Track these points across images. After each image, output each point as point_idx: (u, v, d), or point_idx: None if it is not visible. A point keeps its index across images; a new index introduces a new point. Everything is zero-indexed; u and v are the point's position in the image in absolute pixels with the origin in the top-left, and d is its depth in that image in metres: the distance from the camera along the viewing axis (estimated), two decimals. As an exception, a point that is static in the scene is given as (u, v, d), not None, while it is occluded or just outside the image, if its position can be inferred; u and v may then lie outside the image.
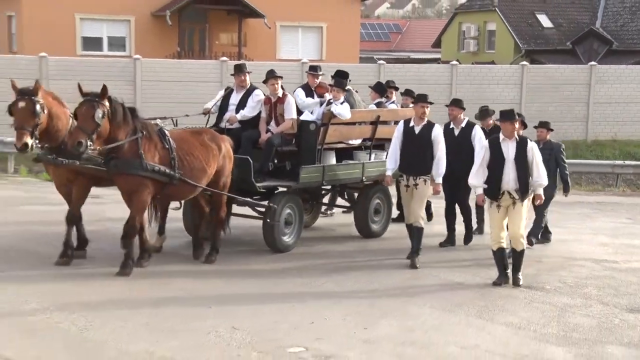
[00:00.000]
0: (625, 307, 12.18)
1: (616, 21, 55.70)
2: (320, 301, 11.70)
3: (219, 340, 9.80)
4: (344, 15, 42.73)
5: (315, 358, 9.37)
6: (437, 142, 13.68)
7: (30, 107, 11.90)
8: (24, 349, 9.12)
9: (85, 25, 38.25)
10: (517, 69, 33.05)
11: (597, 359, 9.82)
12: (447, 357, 9.67)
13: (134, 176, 12.21)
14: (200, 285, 12.06)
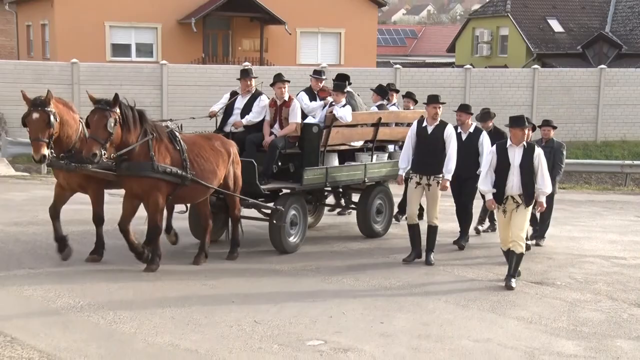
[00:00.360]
0: (633, 302, 12.14)
1: (625, 26, 55.48)
2: (339, 297, 11.71)
3: (241, 333, 9.83)
4: (361, 21, 42.74)
5: (334, 351, 9.40)
6: (449, 140, 13.50)
7: (44, 118, 11.64)
8: (56, 342, 9.17)
9: (114, 32, 38.40)
10: (529, 73, 32.98)
11: (606, 353, 9.78)
12: (461, 350, 9.67)
13: (147, 178, 12.00)
14: (223, 282, 12.08)
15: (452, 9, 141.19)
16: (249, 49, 40.98)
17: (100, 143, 11.28)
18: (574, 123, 32.05)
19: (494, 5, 60.60)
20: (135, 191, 12.23)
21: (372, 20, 44.61)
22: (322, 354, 9.27)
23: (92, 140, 11.36)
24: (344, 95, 14.52)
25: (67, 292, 10.94)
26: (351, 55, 41.65)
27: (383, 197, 15.89)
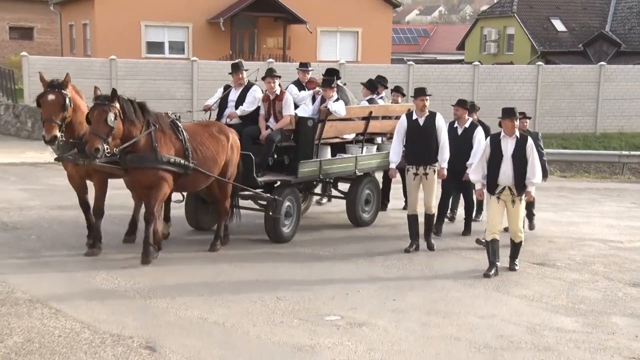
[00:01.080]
0: (628, 282, 12.14)
1: (624, 25, 55.16)
2: (354, 276, 11.75)
3: (264, 308, 9.89)
4: (377, 21, 42.64)
5: (350, 325, 9.44)
6: (441, 130, 13.03)
7: (60, 100, 11.17)
8: (96, 314, 9.26)
9: (149, 31, 38.45)
10: (533, 69, 32.87)
11: (602, 328, 9.80)
12: (467, 325, 9.69)
13: (152, 169, 11.47)
14: (248, 264, 12.10)
15: (462, 9, 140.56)
16: (273, 46, 40.99)
17: (102, 138, 10.77)
18: (575, 116, 31.94)
19: (501, 6, 60.41)
20: (141, 182, 11.69)
21: (387, 20, 44.47)
22: (339, 328, 9.32)
23: (94, 135, 10.82)
24: (333, 90, 13.96)
25: (106, 270, 11.02)
26: (367, 53, 41.59)
27: (371, 188, 15.48)
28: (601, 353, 8.97)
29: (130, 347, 8.35)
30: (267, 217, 13.32)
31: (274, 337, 8.89)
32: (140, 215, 12.73)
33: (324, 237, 14.30)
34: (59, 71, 26.30)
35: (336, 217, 16.03)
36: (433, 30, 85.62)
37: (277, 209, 13.16)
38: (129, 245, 12.73)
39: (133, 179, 11.73)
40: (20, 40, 50.28)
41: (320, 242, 13.88)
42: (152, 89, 27.62)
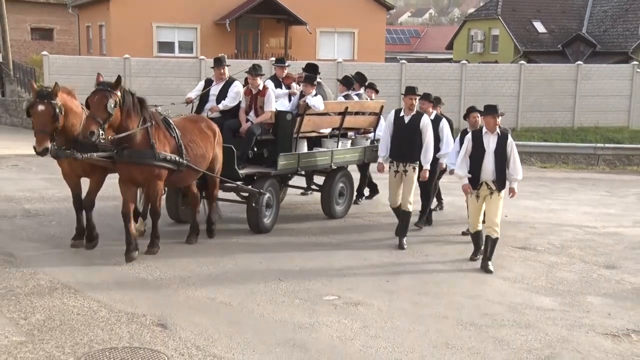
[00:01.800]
0: (602, 264, 12.16)
1: (599, 27, 55.23)
2: (351, 261, 11.74)
3: (267, 289, 9.92)
4: (372, 22, 42.61)
5: (346, 304, 9.47)
6: (426, 130, 12.40)
7: (49, 111, 10.19)
8: (112, 294, 9.33)
9: (160, 32, 38.40)
10: (516, 67, 32.85)
11: (578, 307, 9.83)
12: (455, 304, 9.74)
13: (148, 166, 10.76)
14: (251, 249, 12.13)
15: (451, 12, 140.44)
16: (275, 46, 40.96)
17: (98, 122, 9.97)
18: (554, 111, 31.94)
19: (486, 9, 60.57)
20: (135, 178, 10.97)
21: (381, 21, 44.43)
22: (337, 307, 9.35)
23: (91, 119, 10.04)
24: (314, 87, 13.54)
25: (119, 255, 11.02)
26: (363, 52, 41.57)
27: (345, 181, 14.89)
28: (577, 329, 9.00)
29: (143, 324, 8.39)
30: (250, 209, 12.93)
31: (277, 316, 8.93)
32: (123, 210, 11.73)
33: (321, 225, 14.24)
34: (76, 70, 26.54)
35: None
36: (424, 31, 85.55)
37: (259, 201, 12.76)
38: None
39: (127, 175, 10.94)
40: (41, 40, 50.20)
41: (318, 229, 13.88)
42: (162, 85, 27.55)
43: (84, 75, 23.84)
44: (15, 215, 13.73)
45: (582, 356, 8.18)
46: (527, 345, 8.44)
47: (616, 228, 15.17)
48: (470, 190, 11.43)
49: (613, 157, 27.63)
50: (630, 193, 20.39)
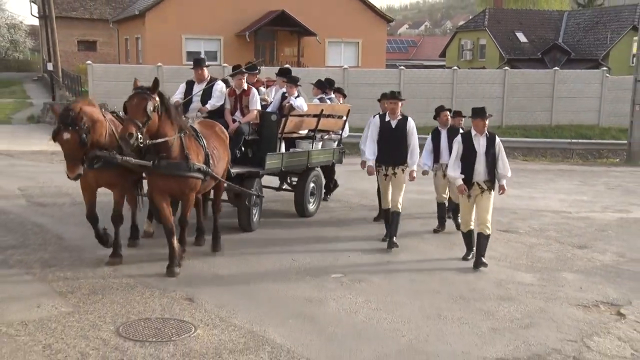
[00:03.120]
0: (575, 245, 12.15)
1: (573, 37, 55.24)
2: (355, 241, 11.79)
3: (282, 268, 9.96)
4: (374, 33, 42.52)
5: (351, 281, 9.48)
6: (412, 133, 11.37)
7: (75, 139, 8.65)
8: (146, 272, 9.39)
9: (188, 43, 38.40)
10: (501, 73, 32.71)
11: (554, 282, 9.83)
12: (447, 280, 9.78)
13: (184, 177, 9.39)
14: (267, 235, 12.21)
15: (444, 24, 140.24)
16: (289, 54, 40.92)
17: (137, 125, 8.73)
18: (534, 111, 31.81)
19: (475, 22, 60.65)
20: (170, 190, 9.53)
21: (382, 32, 44.30)
22: (342, 284, 9.36)
23: (130, 121, 8.81)
24: (297, 87, 12.67)
25: (153, 239, 11.10)
26: (366, 59, 41.49)
27: (316, 181, 13.72)
28: (553, 301, 9.00)
29: (173, 299, 8.42)
30: (243, 208, 11.86)
31: (290, 292, 8.94)
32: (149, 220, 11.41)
33: (326, 217, 14.29)
34: (115, 76, 26.58)
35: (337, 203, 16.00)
36: (420, 41, 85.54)
37: (251, 199, 11.81)
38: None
39: (162, 186, 9.51)
40: (86, 51, 50.46)
41: (325, 216, 13.99)
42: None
43: (122, 81, 23.89)
44: (64, 203, 13.79)
45: (557, 325, 8.17)
46: (509, 315, 8.43)
47: (587, 213, 15.14)
48: (465, 191, 10.48)
49: (585, 151, 27.59)
50: (600, 182, 20.33)
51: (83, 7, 53.40)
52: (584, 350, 7.47)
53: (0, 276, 9.16)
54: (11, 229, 11.64)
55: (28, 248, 10.51)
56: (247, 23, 39.58)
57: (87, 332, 7.32)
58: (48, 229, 11.65)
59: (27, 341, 7.06)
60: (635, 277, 10.35)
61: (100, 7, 53.66)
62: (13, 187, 15.26)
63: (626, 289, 9.75)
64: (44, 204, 13.70)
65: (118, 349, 6.95)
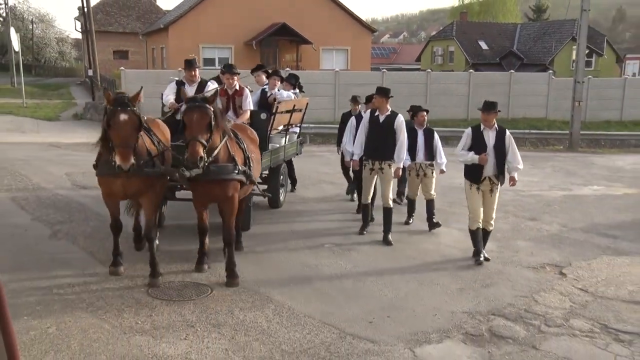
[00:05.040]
0: (527, 218, 12.18)
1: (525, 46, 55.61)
2: (345, 218, 11.78)
3: (283, 241, 9.97)
4: (361, 41, 42.37)
5: (342, 250, 9.47)
6: (400, 130, 9.82)
7: (134, 120, 6.83)
8: (171, 244, 9.32)
9: (204, 50, 38.21)
10: (466, 74, 32.60)
11: (509, 249, 9.86)
12: (422, 250, 9.78)
13: (230, 181, 7.53)
14: (270, 217, 12.13)
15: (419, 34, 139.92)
16: (289, 60, 40.74)
17: (203, 145, 6.85)
18: (495, 106, 31.81)
19: (445, 32, 61.09)
20: (215, 195, 7.62)
21: (367, 41, 44.11)
22: (334, 252, 9.36)
23: (196, 142, 6.78)
24: (279, 79, 11.35)
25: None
26: (354, 63, 41.35)
27: (284, 173, 12.49)
28: (509, 265, 9.03)
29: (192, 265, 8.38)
30: (245, 209, 9.65)
31: (290, 259, 8.93)
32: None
33: (319, 197, 14.20)
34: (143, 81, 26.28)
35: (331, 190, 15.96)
36: (399, 48, 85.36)
37: (251, 199, 10.18)
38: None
39: (207, 192, 7.57)
40: (119, 59, 50.43)
41: (320, 198, 13.89)
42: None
43: (150, 84, 23.69)
44: (101, 186, 13.75)
45: (512, 284, 8.20)
46: (474, 277, 8.45)
47: (537, 191, 15.16)
48: (487, 157, 8.88)
49: (536, 140, 27.53)
50: (547, 166, 20.33)
51: (117, 23, 53.72)
52: (532, 304, 7.52)
53: (51, 246, 9.15)
54: (59, 207, 11.61)
55: (73, 223, 10.48)
56: (254, 34, 39.45)
57: (123, 293, 7.32)
58: (89, 208, 11.62)
59: (74, 299, 7.09)
60: (575, 243, 10.42)
61: (132, 23, 53.92)
62: (61, 173, 15.20)
63: (567, 253, 9.83)
64: (85, 186, 13.65)
65: (148, 306, 6.96)
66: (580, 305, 7.56)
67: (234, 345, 6.06)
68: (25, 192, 12.87)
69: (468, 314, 7.11)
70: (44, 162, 16.76)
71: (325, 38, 40.81)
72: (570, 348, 6.32)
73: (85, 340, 6.06)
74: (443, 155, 11.16)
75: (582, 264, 9.23)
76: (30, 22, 67.81)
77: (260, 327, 6.50)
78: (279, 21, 38.91)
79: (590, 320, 7.08)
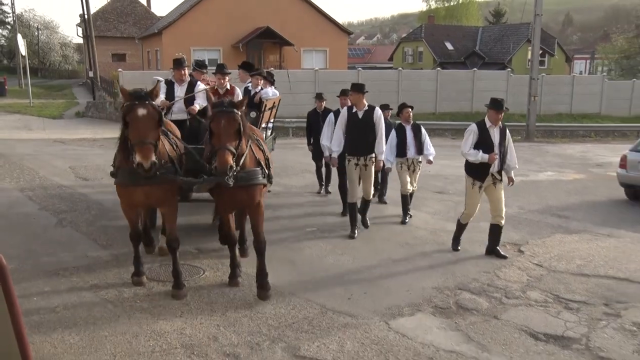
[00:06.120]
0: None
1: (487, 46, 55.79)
2: (327, 209, 11.75)
3: (269, 225, 9.84)
4: (338, 43, 42.22)
5: (321, 232, 9.48)
6: (378, 123, 9.06)
7: (153, 114, 5.81)
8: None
9: (195, 52, 37.77)
10: (434, 72, 32.63)
11: (474, 229, 9.80)
12: (394, 231, 9.80)
13: (257, 186, 6.54)
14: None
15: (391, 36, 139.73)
16: (273, 60, 40.48)
17: (233, 153, 5.87)
18: (460, 101, 31.80)
19: (415, 34, 61.07)
20: (244, 201, 6.58)
21: (344, 42, 43.95)
22: (315, 235, 9.36)
23: (225, 150, 5.78)
24: (262, 79, 10.39)
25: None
26: (332, 63, 41.21)
27: None
28: (473, 244, 9.07)
29: (187, 250, 8.32)
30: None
31: (275, 242, 8.84)
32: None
33: (307, 185, 14.15)
34: (141, 80, 26.03)
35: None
36: (373, 49, 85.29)
37: None
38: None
39: (234, 198, 6.51)
40: (117, 62, 49.86)
41: (300, 191, 13.86)
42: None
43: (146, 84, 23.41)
44: (102, 177, 13.61)
45: (476, 261, 8.27)
46: (441, 255, 8.50)
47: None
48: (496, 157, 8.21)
49: (498, 131, 27.75)
50: (509, 154, 20.38)
51: (115, 28, 53.38)
52: (494, 279, 7.58)
53: (57, 233, 9.06)
54: (64, 197, 11.50)
55: (76, 212, 10.38)
56: (240, 36, 39.21)
57: (123, 275, 7.27)
58: (91, 198, 11.52)
59: (78, 281, 7.04)
60: (531, 224, 10.51)
61: (129, 28, 53.55)
62: (65, 166, 15.04)
63: (524, 232, 9.92)
64: (87, 178, 13.54)
65: (146, 287, 6.93)
66: (536, 278, 7.65)
67: (225, 321, 6.06)
68: (33, 184, 12.73)
69: (437, 289, 7.15)
70: (49, 157, 16.57)
71: (306, 40, 40.64)
72: (527, 317, 6.40)
73: (89, 318, 6.04)
74: (431, 147, 10.62)
75: (538, 242, 9.33)
76: (36, 29, 67.28)
77: (249, 305, 6.49)
78: (263, 25, 38.71)
79: (544, 291, 7.17)
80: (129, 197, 6.43)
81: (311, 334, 5.84)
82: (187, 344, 5.55)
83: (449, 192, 13.11)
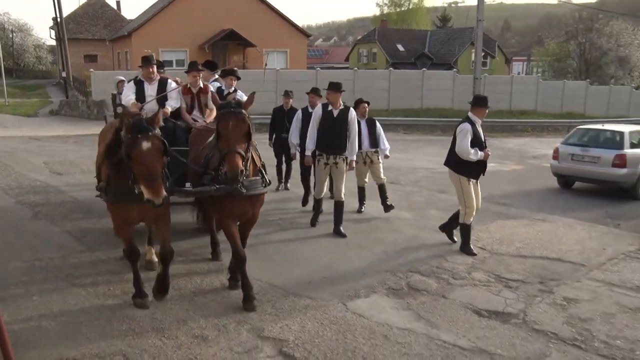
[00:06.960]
0: (438, 191, 12.41)
1: (435, 48, 56.27)
2: (291, 198, 11.72)
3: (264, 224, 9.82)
4: (298, 44, 42.09)
5: (284, 223, 9.40)
6: (352, 123, 8.60)
7: (159, 147, 4.95)
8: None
9: (163, 54, 37.08)
10: (387, 72, 32.81)
11: (424, 217, 10.03)
12: (351, 219, 9.79)
13: (261, 195, 5.98)
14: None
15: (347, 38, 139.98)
16: (237, 60, 40.04)
17: (243, 156, 5.19)
18: (411, 99, 32.07)
19: (369, 37, 61.31)
20: (245, 211, 5.87)
21: (303, 44, 43.83)
22: (279, 225, 9.30)
23: (235, 154, 5.11)
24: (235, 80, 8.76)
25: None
26: (293, 63, 41.05)
27: None
28: (423, 230, 9.18)
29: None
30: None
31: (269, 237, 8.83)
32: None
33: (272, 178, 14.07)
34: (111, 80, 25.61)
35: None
36: (331, 50, 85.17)
37: None
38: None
39: (238, 209, 5.79)
40: (89, 62, 48.74)
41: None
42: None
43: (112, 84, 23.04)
44: (75, 172, 13.31)
45: (426, 246, 8.36)
46: (395, 241, 8.58)
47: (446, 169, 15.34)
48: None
49: (444, 126, 28.03)
50: (455, 147, 20.68)
51: (87, 31, 52.34)
52: (443, 262, 7.70)
53: (32, 226, 8.83)
54: (38, 192, 11.21)
55: (51, 206, 10.12)
56: (206, 38, 38.77)
57: (97, 265, 7.15)
58: (65, 192, 11.25)
59: (55, 272, 6.89)
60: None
61: (100, 31, 52.53)
62: (39, 162, 14.63)
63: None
64: (61, 173, 13.22)
65: (118, 275, 6.80)
66: (479, 261, 7.80)
67: (194, 306, 6.02)
68: (9, 179, 12.37)
69: (390, 272, 7.22)
70: (25, 153, 16.11)
71: (268, 41, 40.31)
72: (472, 295, 6.54)
73: (64, 305, 5.92)
74: (386, 141, 10.15)
75: (482, 227, 9.50)
76: (11, 31, 65.52)
77: (216, 290, 6.46)
78: (228, 27, 38.37)
79: (487, 272, 7.33)
80: (124, 215, 5.58)
81: (274, 316, 5.84)
82: (158, 327, 5.49)
83: (401, 183, 13.24)
